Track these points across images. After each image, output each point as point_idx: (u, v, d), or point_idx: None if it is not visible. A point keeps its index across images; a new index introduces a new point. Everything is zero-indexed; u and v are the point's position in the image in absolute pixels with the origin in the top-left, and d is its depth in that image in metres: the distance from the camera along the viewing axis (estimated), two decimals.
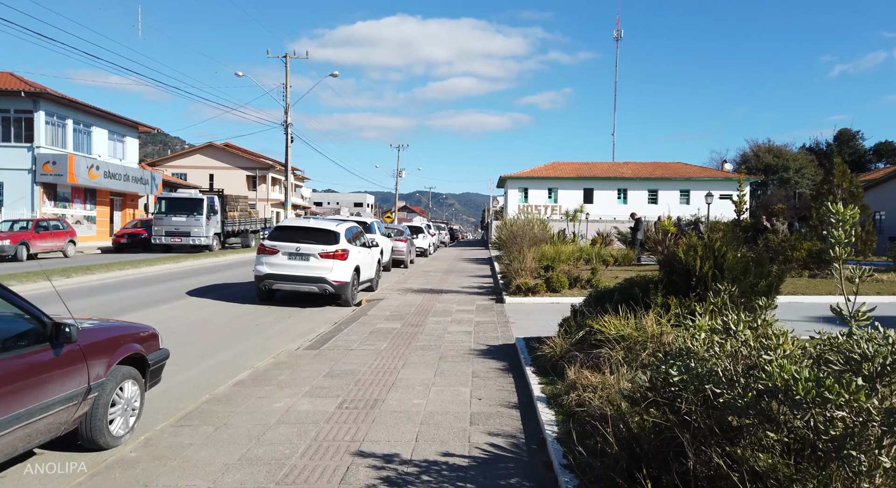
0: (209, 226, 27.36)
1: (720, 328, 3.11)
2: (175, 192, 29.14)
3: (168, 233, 26.73)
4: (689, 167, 53.55)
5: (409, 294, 14.09)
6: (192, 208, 27.19)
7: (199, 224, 26.92)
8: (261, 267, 12.31)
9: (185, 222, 26.82)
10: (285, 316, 11.25)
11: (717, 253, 6.15)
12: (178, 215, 27.02)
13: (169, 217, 26.97)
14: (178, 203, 27.51)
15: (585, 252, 19.68)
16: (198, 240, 26.72)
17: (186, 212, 27.09)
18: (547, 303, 12.21)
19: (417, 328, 9.53)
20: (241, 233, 32.06)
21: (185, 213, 27.06)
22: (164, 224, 26.90)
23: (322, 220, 13.39)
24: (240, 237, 32.09)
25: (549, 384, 5.62)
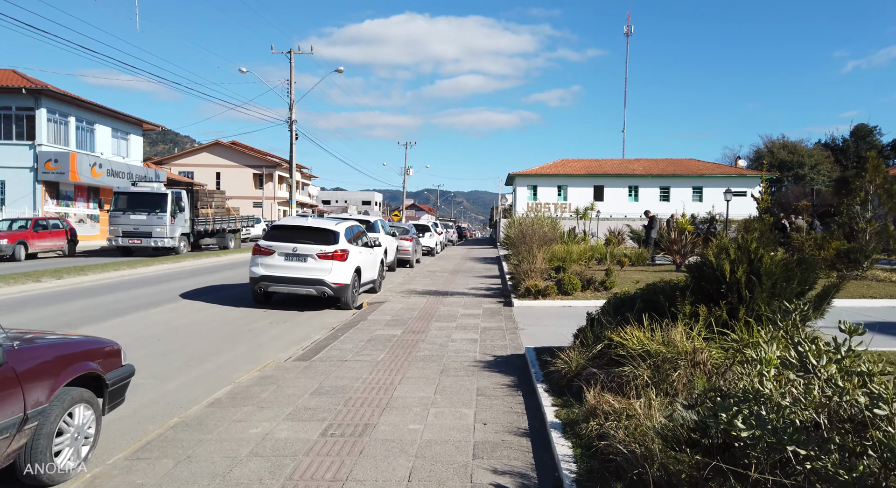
0: (174, 226, 23.60)
1: (794, 362, 2.40)
2: (135, 186, 25.15)
3: (126, 233, 22.99)
4: (701, 164, 52.51)
5: (412, 296, 13.43)
6: (154, 204, 23.30)
7: (161, 223, 23.08)
8: (256, 268, 11.69)
9: (146, 221, 23.02)
10: (281, 320, 10.63)
11: (752, 255, 5.43)
12: (137, 213, 23.13)
13: (127, 215, 23.11)
14: (137, 198, 23.57)
15: (597, 251, 18.93)
16: (161, 242, 22.95)
17: (147, 210, 23.18)
18: (558, 306, 11.50)
19: (419, 335, 8.86)
20: (217, 232, 28.19)
21: (146, 211, 23.15)
22: (122, 223, 23.11)
23: (321, 219, 12.75)
24: (216, 237, 28.39)
25: (563, 406, 4.92)
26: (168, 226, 23.20)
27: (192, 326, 9.72)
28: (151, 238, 22.97)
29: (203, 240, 27.25)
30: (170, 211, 23.26)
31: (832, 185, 53.11)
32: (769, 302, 5.27)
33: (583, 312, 11.22)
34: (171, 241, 23.20)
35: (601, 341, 5.73)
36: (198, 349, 8.11)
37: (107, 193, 35.71)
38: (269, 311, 11.44)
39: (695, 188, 49.84)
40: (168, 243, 23.11)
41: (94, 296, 12.66)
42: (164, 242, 23.02)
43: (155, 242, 22.95)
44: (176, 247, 23.60)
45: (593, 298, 11.82)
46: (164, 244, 23.00)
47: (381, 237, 18.14)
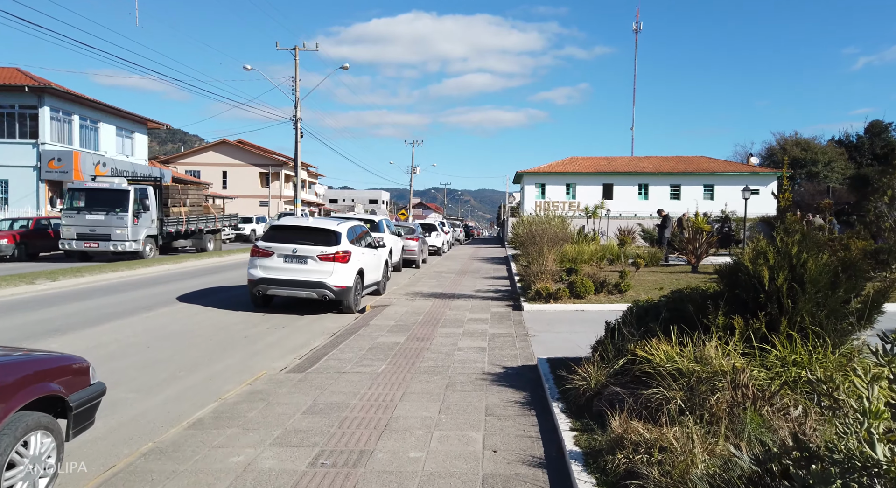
0: (138, 227, 20.69)
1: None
2: (93, 182, 22.32)
3: (81, 235, 19.98)
4: (713, 161, 51.68)
5: (417, 299, 12.90)
6: (114, 203, 20.36)
7: (122, 223, 20.12)
8: (254, 270, 11.21)
9: (105, 221, 20.05)
10: (279, 325, 10.14)
11: (794, 260, 4.86)
12: (94, 212, 20.17)
13: (83, 214, 20.12)
14: (95, 196, 20.60)
15: (609, 251, 18.33)
16: (121, 246, 20.02)
17: (106, 208, 20.22)
18: (571, 311, 10.94)
19: (424, 342, 8.33)
20: (194, 233, 25.38)
21: (105, 210, 20.20)
22: (76, 223, 20.03)
23: (322, 219, 12.24)
24: (192, 239, 25.64)
25: (583, 431, 4.38)
26: (130, 228, 20.29)
27: (185, 332, 9.24)
28: (110, 241, 20.02)
29: (176, 243, 24.72)
30: (132, 210, 20.38)
31: (847, 183, 52.13)
32: (813, 312, 4.70)
33: (596, 317, 10.67)
34: (133, 245, 20.28)
35: (623, 355, 5.17)
36: (188, 358, 7.62)
37: None
38: (267, 315, 10.96)
39: (706, 186, 49.00)
40: (130, 247, 20.20)
41: (88, 298, 12.23)
42: (126, 246, 20.11)
43: (114, 246, 20.02)
44: (140, 250, 20.67)
45: (607, 302, 11.25)
46: (125, 248, 20.10)
47: (386, 237, 17.63)
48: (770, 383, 4.04)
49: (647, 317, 5.66)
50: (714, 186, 48.71)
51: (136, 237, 20.56)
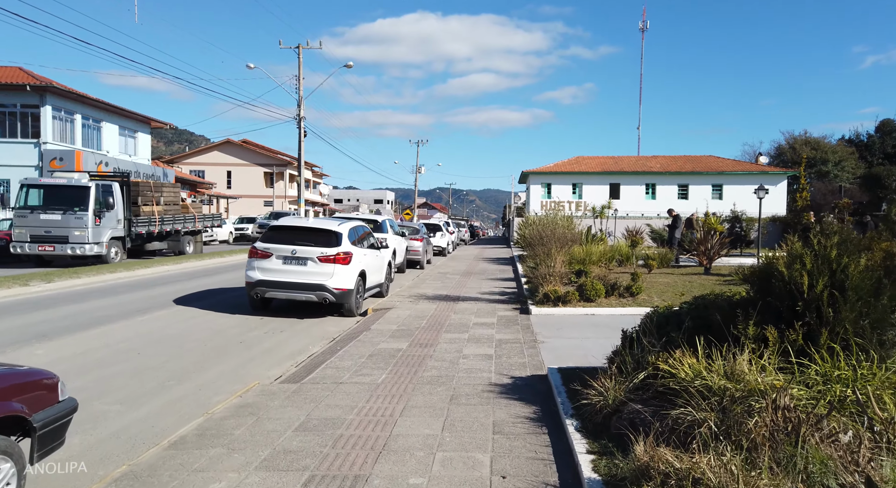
0: (101, 227, 18.37)
1: None
2: (50, 177, 20.35)
3: (35, 237, 17.70)
4: (721, 160, 51.08)
5: (421, 301, 12.49)
6: (72, 201, 18.05)
7: (82, 224, 17.81)
8: (252, 272, 10.82)
9: (61, 222, 17.72)
10: (277, 329, 9.75)
11: (834, 265, 4.41)
12: (50, 211, 17.89)
13: (37, 214, 17.79)
14: (52, 193, 18.28)
15: (618, 252, 17.86)
16: (80, 249, 17.78)
17: (64, 207, 17.92)
18: (581, 315, 10.50)
19: (427, 349, 7.92)
20: (170, 235, 23.15)
21: (62, 208, 17.90)
22: (30, 224, 17.74)
23: (322, 219, 11.85)
24: (168, 241, 23.39)
25: (602, 455, 3.95)
26: (90, 228, 17.97)
27: (179, 337, 8.86)
28: (68, 244, 17.73)
29: (150, 245, 22.23)
30: (93, 208, 18.08)
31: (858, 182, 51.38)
32: (856, 322, 4.26)
33: (608, 322, 10.24)
34: (94, 248, 18.11)
35: (643, 368, 4.74)
36: (180, 365, 7.24)
37: None
38: (266, 319, 10.57)
39: (714, 186, 48.40)
40: (91, 250, 18.01)
41: (83, 301, 11.88)
42: (86, 249, 17.88)
43: (73, 249, 17.78)
44: (103, 254, 18.47)
45: (619, 306, 10.80)
46: (84, 251, 17.90)
47: (389, 238, 17.24)
48: (814, 404, 3.60)
49: (668, 325, 5.22)
50: (723, 186, 48.11)
51: (99, 239, 18.30)
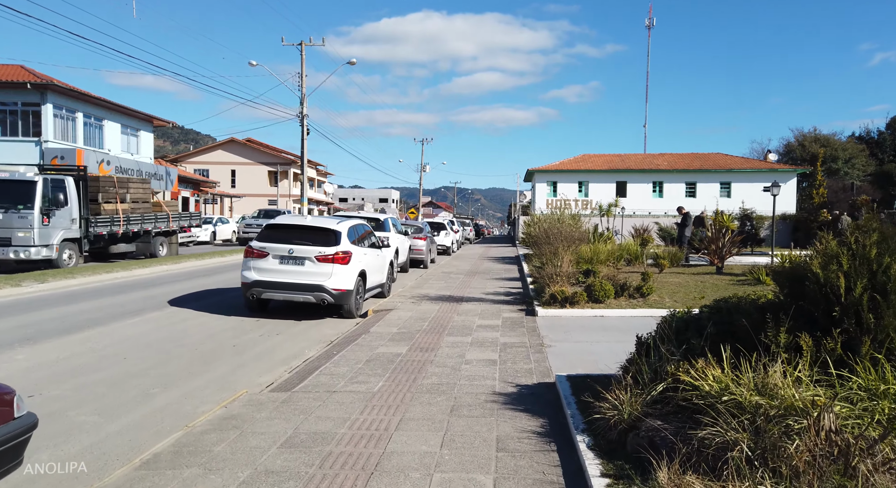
0: (50, 228, 16.25)
1: None
2: None
3: None
4: (729, 158, 50.44)
5: (424, 302, 12.08)
6: (16, 197, 16.04)
7: (26, 224, 15.75)
8: (248, 273, 10.45)
9: (3, 221, 15.73)
10: (273, 332, 9.37)
11: (874, 265, 3.98)
12: None
13: None
14: None
15: (627, 251, 17.40)
16: (25, 252, 15.71)
17: (6, 205, 15.94)
18: (589, 316, 10.06)
19: (428, 354, 7.51)
20: (139, 235, 21.03)
21: (4, 207, 15.92)
22: None
23: (320, 218, 11.48)
24: (137, 242, 21.35)
25: (618, 478, 3.53)
26: (37, 229, 15.83)
27: (169, 340, 8.49)
28: (11, 247, 15.64)
29: (115, 247, 20.07)
30: (39, 206, 15.94)
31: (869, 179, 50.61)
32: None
33: (618, 324, 9.79)
34: (42, 251, 15.97)
35: (661, 379, 4.32)
36: (167, 371, 6.86)
37: None
38: (262, 321, 10.19)
39: (723, 183, 47.77)
40: (38, 253, 15.88)
41: (75, 302, 11.53)
42: (31, 252, 15.75)
43: (16, 253, 15.67)
44: (53, 257, 16.24)
45: (629, 307, 10.36)
46: (29, 255, 15.75)
47: (392, 236, 16.85)
48: (861, 424, 3.17)
49: (687, 331, 4.79)
50: (731, 184, 47.49)
51: (47, 241, 16.14)
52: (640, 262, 17.62)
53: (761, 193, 48.42)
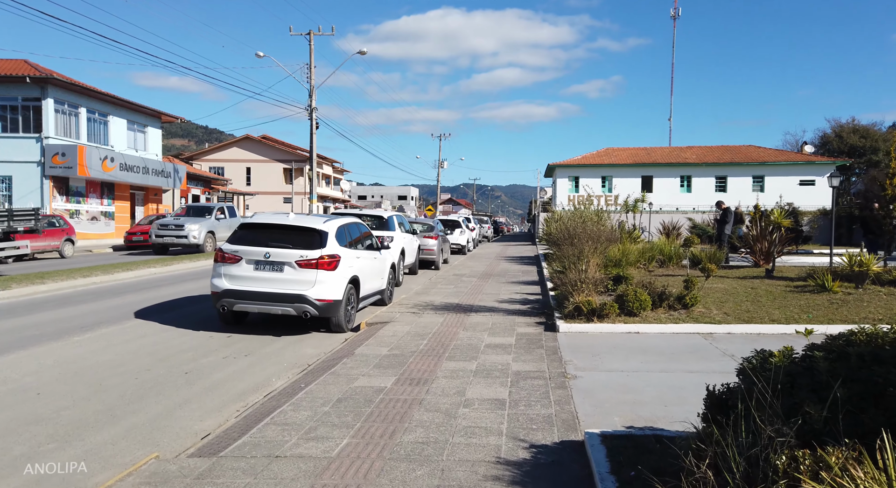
0: None
1: None
2: None
3: None
4: (762, 150, 47.87)
5: (426, 313, 10.46)
6: None
7: None
8: (217, 281, 8.94)
9: None
10: (242, 352, 7.85)
11: None
12: None
13: None
14: None
15: (658, 251, 15.58)
16: None
17: None
18: (622, 334, 8.34)
19: (418, 389, 5.89)
20: None
21: None
22: None
23: (305, 216, 9.92)
24: None
25: None
26: None
27: (109, 366, 7.00)
28: None
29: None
30: None
31: None
32: None
33: (659, 345, 7.99)
34: None
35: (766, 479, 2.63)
36: (82, 414, 5.35)
37: (122, 189, 34.00)
38: (234, 338, 8.68)
39: (755, 177, 45.30)
40: None
41: (29, 313, 10.16)
42: None
43: None
44: None
45: (669, 321, 8.61)
46: None
47: (396, 236, 15.26)
48: None
49: (795, 389, 3.08)
50: (764, 177, 45.00)
51: None
52: (674, 264, 15.78)
53: (797, 187, 45.82)
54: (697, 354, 7.16)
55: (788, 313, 8.86)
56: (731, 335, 8.12)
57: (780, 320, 8.45)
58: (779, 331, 8.07)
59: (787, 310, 9.05)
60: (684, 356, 7.07)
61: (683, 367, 6.55)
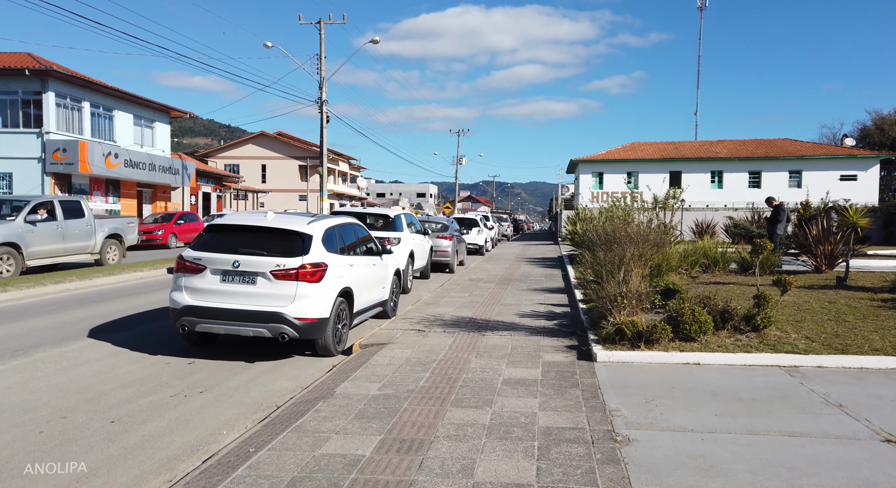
0: None
1: None
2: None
3: None
4: (799, 144, 45.21)
5: (434, 330, 8.77)
6: None
7: None
8: (177, 295, 7.36)
9: None
10: (199, 387, 6.26)
11: None
12: None
13: None
14: None
15: (704, 253, 13.68)
16: None
17: None
18: (679, 365, 6.54)
19: (409, 459, 4.20)
20: None
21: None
22: None
23: (286, 216, 8.27)
24: None
25: None
26: None
27: (15, 410, 5.44)
28: None
29: None
30: None
31: None
32: None
33: (733, 386, 5.84)
34: None
35: None
36: None
37: (128, 186, 32.90)
38: (196, 364, 7.10)
39: (792, 172, 42.74)
40: None
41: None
42: None
43: None
44: None
45: (737, 349, 6.78)
46: None
47: (405, 237, 13.60)
48: None
49: None
50: (802, 172, 42.41)
51: None
52: (720, 269, 13.87)
53: (838, 182, 43.11)
54: (789, 401, 5.36)
55: (893, 339, 6.98)
56: (822, 369, 6.28)
57: (885, 349, 6.58)
58: (888, 366, 6.22)
59: (890, 334, 7.16)
60: (772, 404, 5.27)
61: (777, 425, 4.76)
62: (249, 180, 60.89)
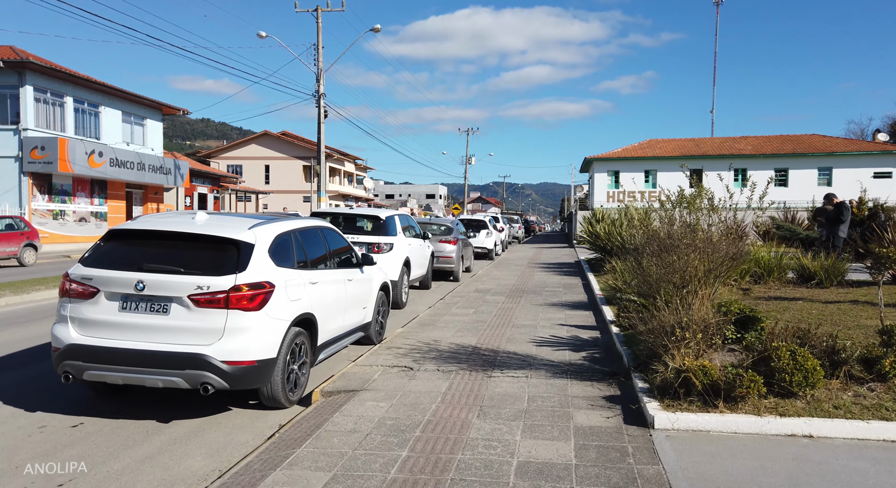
0: None
1: None
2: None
3: None
4: (829, 139, 42.68)
5: (424, 368, 6.63)
6: None
7: None
8: (61, 329, 5.28)
9: None
10: (67, 472, 4.20)
11: None
12: None
13: None
14: None
15: (756, 261, 11.46)
16: None
17: None
18: (781, 439, 4.36)
19: None
20: None
21: None
22: None
23: (222, 217, 6.15)
24: None
25: None
26: None
27: None
28: None
29: None
30: None
31: None
32: None
33: (868, 477, 3.96)
34: None
35: None
36: None
37: (115, 187, 31.06)
38: (84, 427, 5.05)
39: (821, 169, 40.23)
40: None
41: None
42: None
43: None
44: None
45: (863, 411, 4.59)
46: None
47: (398, 242, 11.49)
48: None
49: None
50: (832, 169, 39.90)
51: None
52: (774, 279, 11.65)
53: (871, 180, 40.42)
54: None
55: None
56: None
57: None
58: None
59: None
60: None
61: None
62: (252, 181, 59.17)
